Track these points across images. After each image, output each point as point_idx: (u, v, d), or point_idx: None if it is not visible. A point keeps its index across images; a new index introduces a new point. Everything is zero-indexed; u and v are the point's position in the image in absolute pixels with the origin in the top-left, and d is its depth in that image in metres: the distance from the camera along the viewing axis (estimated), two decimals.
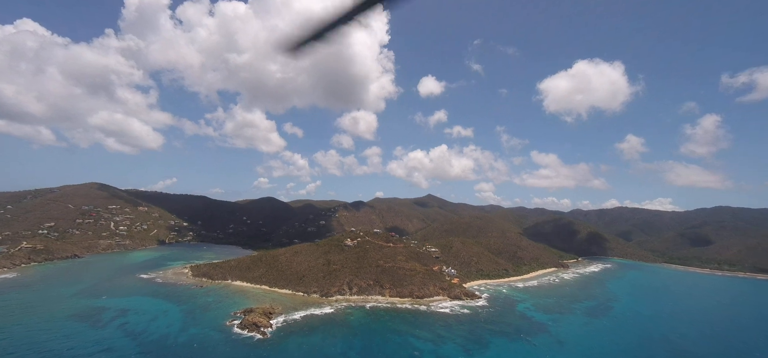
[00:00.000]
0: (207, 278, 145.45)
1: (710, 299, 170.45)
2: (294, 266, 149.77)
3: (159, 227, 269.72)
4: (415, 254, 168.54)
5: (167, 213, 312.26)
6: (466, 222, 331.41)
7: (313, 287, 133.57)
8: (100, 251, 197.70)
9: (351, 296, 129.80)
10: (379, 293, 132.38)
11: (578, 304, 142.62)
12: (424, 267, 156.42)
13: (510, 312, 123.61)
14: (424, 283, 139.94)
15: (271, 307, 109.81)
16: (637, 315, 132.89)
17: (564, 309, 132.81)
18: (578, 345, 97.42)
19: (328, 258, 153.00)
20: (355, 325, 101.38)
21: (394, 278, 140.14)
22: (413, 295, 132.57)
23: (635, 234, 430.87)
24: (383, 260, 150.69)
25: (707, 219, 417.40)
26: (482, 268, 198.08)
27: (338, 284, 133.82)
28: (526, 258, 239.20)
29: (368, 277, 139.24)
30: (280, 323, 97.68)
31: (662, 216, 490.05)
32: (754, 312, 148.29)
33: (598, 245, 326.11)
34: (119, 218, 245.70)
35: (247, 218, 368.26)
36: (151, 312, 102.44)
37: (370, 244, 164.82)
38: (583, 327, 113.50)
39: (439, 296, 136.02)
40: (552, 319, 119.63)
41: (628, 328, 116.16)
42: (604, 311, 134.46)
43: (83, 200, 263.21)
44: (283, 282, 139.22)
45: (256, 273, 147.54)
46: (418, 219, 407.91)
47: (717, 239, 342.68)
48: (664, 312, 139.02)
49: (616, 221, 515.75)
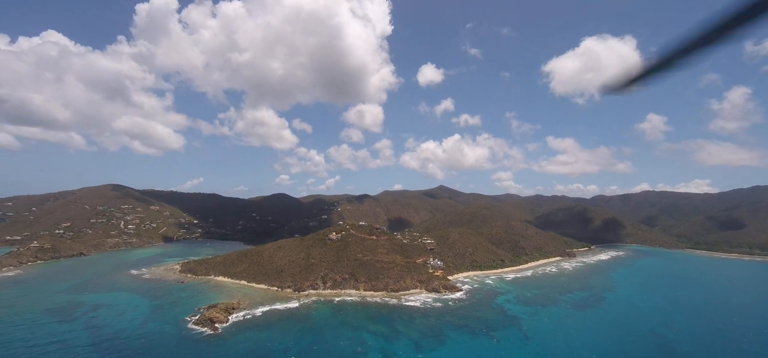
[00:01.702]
0: (192, 274, 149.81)
1: (725, 288, 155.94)
2: (275, 261, 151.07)
3: (168, 225, 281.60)
4: (399, 247, 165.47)
5: (179, 211, 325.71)
6: (471, 212, 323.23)
7: (288, 281, 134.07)
8: (107, 249, 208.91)
9: (324, 290, 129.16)
10: (354, 287, 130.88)
11: (567, 295, 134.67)
12: (406, 260, 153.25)
13: (485, 305, 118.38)
14: (401, 276, 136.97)
15: (237, 302, 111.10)
16: (629, 307, 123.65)
17: (548, 301, 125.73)
18: (546, 341, 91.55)
19: (309, 253, 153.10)
20: (314, 320, 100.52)
21: (371, 271, 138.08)
22: (388, 288, 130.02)
23: (662, 219, 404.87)
24: (362, 253, 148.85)
25: (743, 200, 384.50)
26: (477, 259, 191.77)
27: (312, 279, 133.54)
28: (529, 248, 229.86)
29: (344, 271, 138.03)
30: (239, 319, 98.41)
31: (692, 199, 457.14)
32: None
33: (614, 231, 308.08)
34: (130, 217, 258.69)
35: (256, 214, 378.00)
36: (122, 307, 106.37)
37: (352, 237, 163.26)
38: (560, 321, 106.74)
39: (415, 289, 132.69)
40: (530, 312, 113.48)
41: (613, 321, 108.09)
42: (593, 303, 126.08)
43: (99, 200, 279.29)
44: (262, 277, 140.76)
45: (238, 268, 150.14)
46: (426, 211, 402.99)
47: (751, 222, 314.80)
48: (662, 303, 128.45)
49: (641, 205, 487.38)
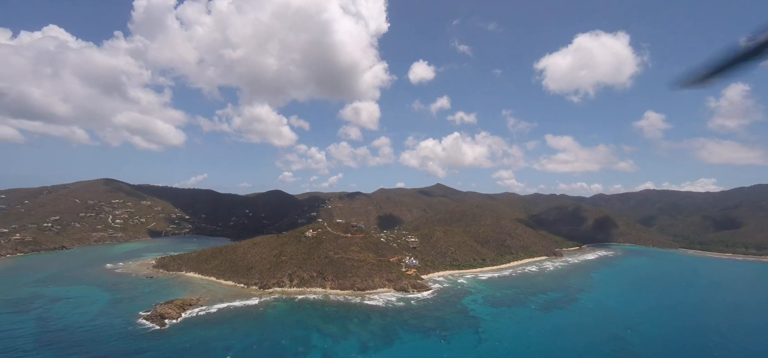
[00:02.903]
0: (164, 269, 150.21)
1: (704, 288, 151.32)
2: (248, 258, 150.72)
3: (158, 220, 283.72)
4: (374, 245, 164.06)
5: (171, 206, 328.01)
6: (461, 210, 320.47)
7: (256, 278, 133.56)
8: (91, 243, 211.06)
9: (290, 287, 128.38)
10: (320, 285, 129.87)
11: (538, 296, 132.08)
12: (379, 258, 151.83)
13: (449, 305, 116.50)
14: (370, 275, 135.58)
15: (196, 299, 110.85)
16: (599, 308, 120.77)
17: (516, 302, 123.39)
18: (499, 343, 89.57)
19: (282, 250, 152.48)
20: (268, 318, 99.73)
21: (340, 269, 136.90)
22: (355, 287, 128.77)
23: (660, 218, 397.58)
24: (334, 251, 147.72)
25: (744, 199, 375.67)
26: (457, 258, 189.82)
27: (279, 276, 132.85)
28: (515, 247, 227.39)
29: (313, 269, 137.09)
30: (192, 315, 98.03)
31: (693, 198, 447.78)
32: (749, 303, 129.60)
33: (607, 231, 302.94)
34: (118, 212, 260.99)
35: (249, 210, 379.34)
36: (81, 301, 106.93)
37: (327, 235, 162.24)
38: (521, 323, 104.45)
39: (383, 288, 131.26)
40: (493, 313, 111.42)
41: (576, 323, 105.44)
42: (563, 304, 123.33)
43: (90, 195, 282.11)
44: (231, 273, 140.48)
45: (211, 265, 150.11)
46: (419, 209, 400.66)
47: (750, 221, 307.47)
48: (634, 304, 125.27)
49: (641, 204, 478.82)
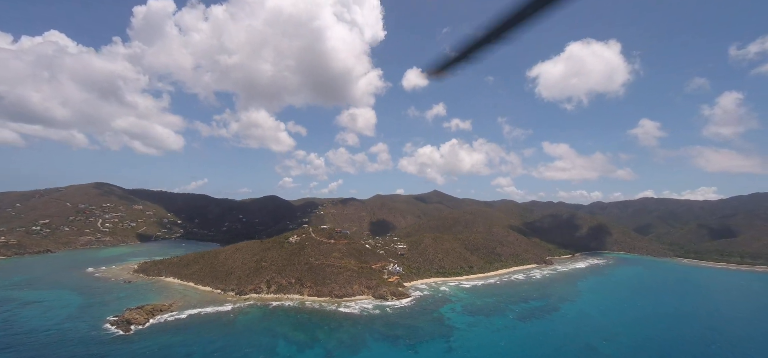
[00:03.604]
0: (144, 274, 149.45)
1: (691, 296, 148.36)
2: (229, 264, 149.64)
3: (149, 225, 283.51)
4: (358, 251, 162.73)
5: (164, 211, 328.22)
6: (454, 217, 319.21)
7: (233, 284, 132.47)
8: (77, 247, 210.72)
9: (267, 294, 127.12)
10: (298, 292, 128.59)
11: (519, 305, 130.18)
12: (361, 265, 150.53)
13: (425, 314, 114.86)
14: (349, 282, 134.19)
15: (169, 304, 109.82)
16: (580, 317, 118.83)
17: (495, 311, 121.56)
18: (468, 352, 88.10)
19: (264, 255, 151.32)
20: (237, 325, 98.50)
21: (319, 276, 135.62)
22: (332, 294, 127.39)
23: (657, 226, 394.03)
24: (315, 257, 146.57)
25: (741, 208, 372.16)
26: (444, 265, 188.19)
27: (257, 282, 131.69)
28: (505, 254, 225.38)
29: (292, 275, 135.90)
30: (160, 321, 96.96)
31: (691, 206, 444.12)
32: (731, 313, 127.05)
33: (601, 239, 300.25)
34: (109, 216, 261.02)
35: (242, 216, 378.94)
36: (51, 305, 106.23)
37: (310, 241, 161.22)
38: (496, 332, 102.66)
39: (362, 295, 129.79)
40: (469, 322, 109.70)
41: (552, 333, 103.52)
42: (542, 314, 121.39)
43: (82, 198, 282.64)
44: (210, 279, 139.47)
45: (191, 270, 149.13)
46: (414, 215, 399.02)
47: (747, 230, 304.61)
48: (616, 314, 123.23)
49: (639, 212, 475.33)
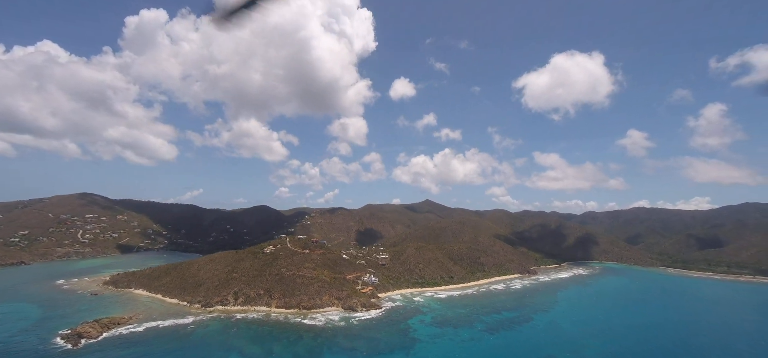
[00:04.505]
0: (113, 286, 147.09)
1: (669, 307, 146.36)
2: (200, 275, 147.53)
3: (132, 235, 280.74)
4: (332, 262, 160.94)
5: (149, 221, 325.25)
6: (441, 227, 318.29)
7: (200, 296, 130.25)
8: (54, 259, 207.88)
9: (234, 306, 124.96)
10: (266, 304, 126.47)
11: (491, 316, 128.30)
12: (334, 275, 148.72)
13: (391, 325, 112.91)
14: (319, 293, 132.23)
15: (129, 317, 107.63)
16: (551, 329, 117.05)
17: (464, 322, 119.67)
18: None
19: (236, 266, 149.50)
20: (193, 338, 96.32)
21: (289, 287, 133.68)
22: (300, 305, 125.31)
23: (648, 236, 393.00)
24: (288, 268, 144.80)
25: (730, 218, 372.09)
26: (424, 275, 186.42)
27: (225, 294, 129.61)
28: (489, 264, 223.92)
29: (261, 286, 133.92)
30: (115, 334, 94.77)
31: (682, 216, 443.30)
32: (708, 323, 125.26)
33: (588, 248, 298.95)
34: (90, 227, 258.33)
35: (230, 226, 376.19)
36: (9, 317, 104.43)
37: (285, 251, 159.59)
38: (459, 345, 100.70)
39: (331, 307, 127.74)
40: (435, 334, 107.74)
41: (517, 345, 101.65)
42: (514, 325, 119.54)
43: (64, 209, 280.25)
44: (179, 291, 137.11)
45: (161, 282, 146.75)
46: (403, 224, 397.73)
47: (735, 239, 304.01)
48: (590, 324, 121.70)
49: (630, 222, 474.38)
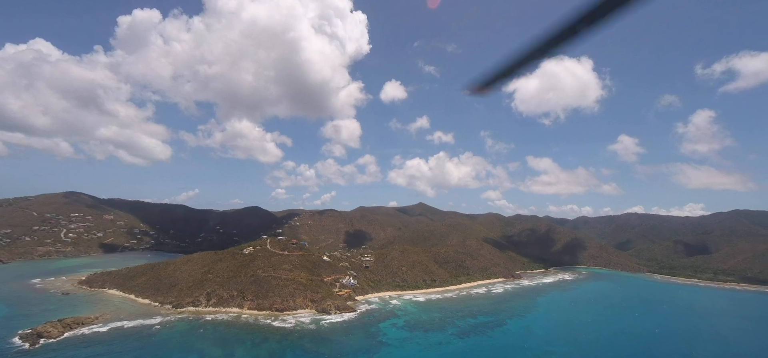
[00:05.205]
0: (87, 286, 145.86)
1: (648, 314, 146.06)
2: (176, 275, 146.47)
3: (117, 235, 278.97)
4: (311, 263, 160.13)
5: (137, 221, 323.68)
6: (430, 229, 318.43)
7: (172, 297, 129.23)
8: (34, 258, 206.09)
9: (205, 307, 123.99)
10: (238, 305, 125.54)
11: (465, 320, 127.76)
12: (311, 277, 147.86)
13: (361, 329, 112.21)
14: (293, 295, 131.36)
15: (95, 317, 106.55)
16: (523, 334, 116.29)
17: (436, 326, 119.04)
18: None
19: (213, 267, 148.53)
20: (156, 339, 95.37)
21: (263, 288, 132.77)
22: (273, 307, 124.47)
23: (638, 242, 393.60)
24: (264, 269, 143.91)
25: (720, 225, 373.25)
26: (406, 278, 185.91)
27: (197, 295, 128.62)
28: (473, 268, 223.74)
29: (235, 287, 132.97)
30: (77, 335, 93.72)
31: (672, 222, 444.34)
32: (680, 330, 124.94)
33: (575, 253, 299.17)
34: (74, 226, 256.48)
35: (220, 227, 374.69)
36: None
37: (263, 252, 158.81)
38: (426, 349, 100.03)
39: (304, 309, 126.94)
40: (404, 338, 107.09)
41: (484, 350, 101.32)
42: (486, 330, 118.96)
43: (49, 208, 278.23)
44: (152, 292, 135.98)
45: (137, 282, 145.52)
46: (394, 227, 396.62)
47: (723, 246, 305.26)
48: (563, 330, 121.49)
49: (622, 228, 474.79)
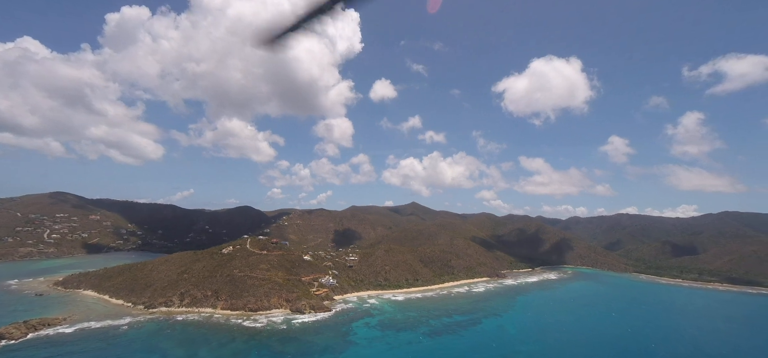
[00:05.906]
0: (62, 287, 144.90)
1: (628, 314, 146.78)
2: (153, 276, 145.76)
3: (103, 235, 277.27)
4: (289, 263, 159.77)
5: (125, 221, 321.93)
6: (419, 229, 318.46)
7: (146, 297, 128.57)
8: (15, 259, 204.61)
9: (179, 307, 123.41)
10: (212, 305, 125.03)
11: (440, 320, 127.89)
12: (289, 277, 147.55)
13: (333, 329, 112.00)
14: (267, 294, 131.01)
15: (62, 317, 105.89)
16: (496, 335, 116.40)
17: (409, 326, 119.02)
18: None
19: (191, 267, 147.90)
20: (122, 340, 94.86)
21: (238, 288, 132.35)
22: (247, 307, 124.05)
23: (627, 242, 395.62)
24: (240, 269, 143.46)
25: (709, 226, 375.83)
26: (389, 278, 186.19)
27: (170, 295, 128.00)
28: (459, 267, 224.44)
29: (209, 287, 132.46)
30: (41, 336, 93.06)
31: (663, 223, 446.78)
32: (657, 331, 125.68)
33: (563, 253, 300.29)
34: (59, 226, 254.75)
35: (210, 227, 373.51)
36: None
37: (242, 252, 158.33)
38: (393, 349, 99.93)
39: (278, 308, 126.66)
40: (375, 337, 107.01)
41: (453, 350, 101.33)
42: (459, 329, 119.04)
43: (34, 208, 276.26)
44: (126, 292, 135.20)
45: (112, 282, 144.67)
46: (385, 226, 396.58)
47: (711, 247, 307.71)
48: (538, 331, 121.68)
49: (612, 228, 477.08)
